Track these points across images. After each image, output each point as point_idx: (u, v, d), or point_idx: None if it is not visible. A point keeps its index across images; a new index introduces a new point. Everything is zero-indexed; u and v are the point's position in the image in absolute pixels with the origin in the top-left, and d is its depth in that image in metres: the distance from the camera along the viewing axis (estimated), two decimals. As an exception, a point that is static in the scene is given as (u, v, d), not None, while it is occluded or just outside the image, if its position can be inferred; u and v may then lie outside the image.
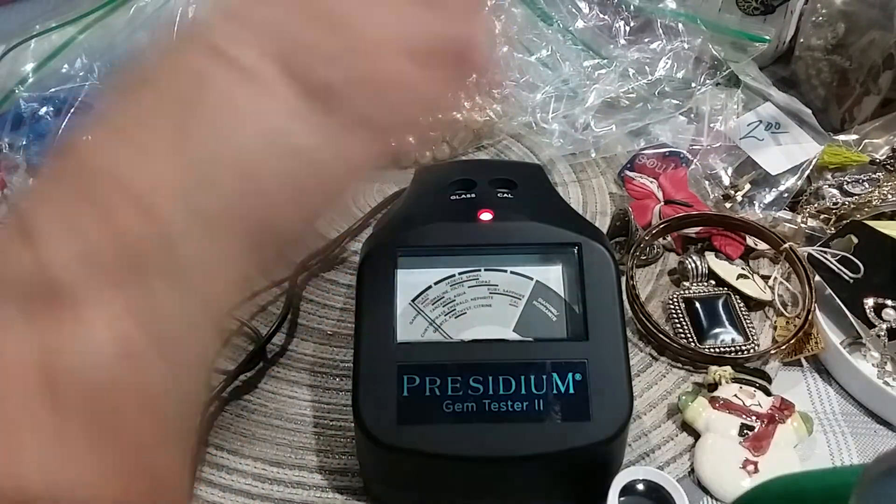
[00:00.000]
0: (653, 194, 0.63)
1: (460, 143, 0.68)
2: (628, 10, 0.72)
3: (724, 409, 0.48)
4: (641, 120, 0.67)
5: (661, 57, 0.69)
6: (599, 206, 0.65)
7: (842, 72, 0.68)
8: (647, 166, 0.66)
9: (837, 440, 0.49)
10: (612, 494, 0.41)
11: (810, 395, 0.51)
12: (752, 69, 0.72)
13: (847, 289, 0.54)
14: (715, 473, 0.46)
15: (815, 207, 0.61)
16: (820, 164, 0.63)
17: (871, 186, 0.61)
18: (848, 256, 0.54)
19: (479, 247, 0.46)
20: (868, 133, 0.65)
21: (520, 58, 0.69)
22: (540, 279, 0.45)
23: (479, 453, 0.40)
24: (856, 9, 0.67)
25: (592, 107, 0.66)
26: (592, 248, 0.45)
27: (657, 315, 0.56)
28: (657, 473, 0.42)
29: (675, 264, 0.59)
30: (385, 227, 0.48)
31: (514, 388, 0.41)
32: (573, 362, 0.42)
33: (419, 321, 0.44)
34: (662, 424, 0.49)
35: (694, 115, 0.69)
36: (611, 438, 0.40)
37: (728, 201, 0.63)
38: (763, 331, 0.54)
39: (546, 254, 0.46)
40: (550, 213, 0.47)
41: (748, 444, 0.46)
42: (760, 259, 0.59)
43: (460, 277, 0.45)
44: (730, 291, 0.56)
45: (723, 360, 0.51)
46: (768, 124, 0.66)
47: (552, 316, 0.44)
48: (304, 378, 0.51)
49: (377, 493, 0.45)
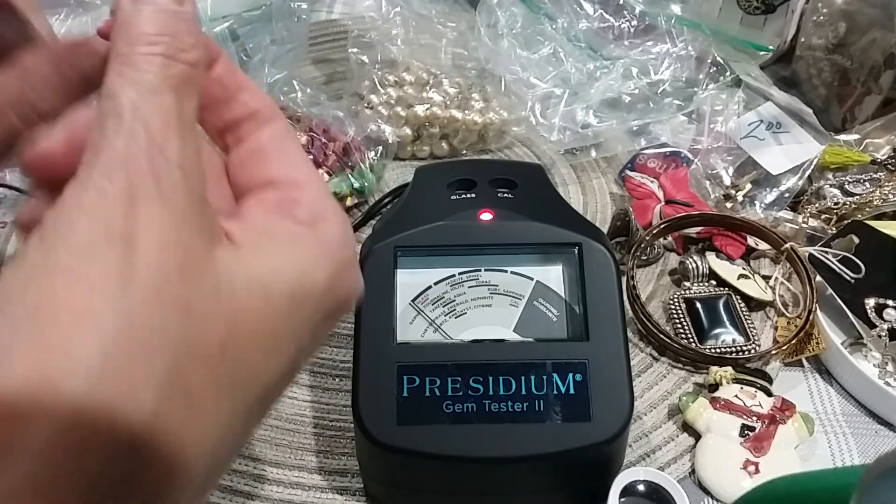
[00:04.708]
0: (653, 194, 0.63)
1: (461, 142, 0.68)
2: (632, 13, 0.72)
3: (725, 410, 0.48)
4: (642, 119, 0.67)
5: (663, 59, 0.69)
6: (600, 206, 0.65)
7: (843, 71, 0.68)
8: (648, 166, 0.65)
9: (838, 440, 0.49)
10: (612, 495, 0.41)
11: (811, 395, 0.51)
12: (752, 69, 0.72)
13: (848, 289, 0.53)
14: (716, 474, 0.46)
15: (816, 207, 0.61)
16: (821, 164, 0.63)
17: (872, 186, 0.61)
18: (849, 256, 0.54)
19: (480, 247, 0.46)
20: (869, 133, 0.65)
21: (522, 55, 0.69)
22: (540, 279, 0.45)
23: (479, 454, 0.40)
24: (857, 8, 0.66)
25: (593, 104, 0.66)
26: (593, 249, 0.45)
27: (658, 315, 0.56)
28: (658, 474, 0.42)
29: (675, 264, 0.59)
30: (385, 226, 0.48)
31: (515, 389, 0.41)
32: (573, 363, 0.41)
33: (419, 321, 0.44)
34: (663, 425, 0.49)
35: (695, 114, 0.68)
36: (611, 439, 0.40)
37: (729, 201, 0.63)
38: (764, 331, 0.54)
39: (546, 254, 0.46)
40: (551, 213, 0.47)
41: (749, 445, 0.46)
42: (761, 259, 0.59)
43: (460, 277, 0.45)
44: (731, 292, 0.56)
45: (724, 360, 0.51)
46: (769, 124, 0.66)
47: (552, 316, 0.44)
48: (303, 378, 0.51)
49: (377, 493, 0.45)
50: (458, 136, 0.67)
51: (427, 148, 0.68)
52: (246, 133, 0.25)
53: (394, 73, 0.69)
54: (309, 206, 0.24)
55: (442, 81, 0.68)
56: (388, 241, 0.45)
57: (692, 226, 0.60)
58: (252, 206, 0.24)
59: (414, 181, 0.53)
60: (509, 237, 0.46)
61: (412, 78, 0.68)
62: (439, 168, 0.62)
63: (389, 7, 0.71)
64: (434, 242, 0.45)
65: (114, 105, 0.21)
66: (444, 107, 0.66)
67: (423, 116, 0.66)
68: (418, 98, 0.67)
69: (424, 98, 0.67)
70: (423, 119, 0.66)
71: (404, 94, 0.67)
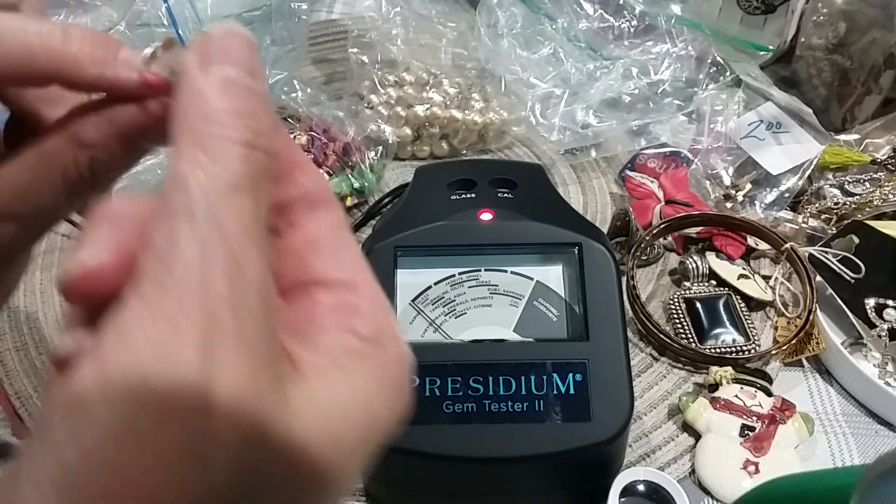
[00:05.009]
0: (653, 194, 0.63)
1: (461, 142, 0.68)
2: (632, 13, 0.72)
3: (725, 410, 0.48)
4: (642, 119, 0.67)
5: (663, 59, 0.69)
6: (600, 206, 0.65)
7: (843, 71, 0.68)
8: (648, 166, 0.65)
9: (838, 441, 0.49)
10: (612, 495, 0.41)
11: (811, 395, 0.51)
12: (752, 69, 0.72)
13: (848, 289, 0.53)
14: (716, 474, 0.46)
15: (816, 207, 0.61)
16: (821, 164, 0.63)
17: (872, 186, 0.61)
18: (849, 256, 0.54)
19: (480, 247, 0.46)
20: (869, 133, 0.65)
21: (522, 55, 0.69)
22: (540, 279, 0.45)
23: (479, 454, 0.40)
24: (857, 8, 0.66)
25: (593, 104, 0.66)
26: (593, 248, 0.45)
27: (658, 315, 0.56)
28: (658, 474, 0.42)
29: (675, 264, 0.59)
30: (385, 226, 0.48)
31: (515, 389, 0.41)
32: (574, 363, 0.41)
33: (419, 321, 0.44)
34: (663, 425, 0.49)
35: (695, 114, 0.69)
36: (611, 439, 0.40)
37: (729, 201, 0.63)
38: (764, 331, 0.54)
39: (546, 254, 0.46)
40: (551, 213, 0.47)
41: (749, 445, 0.46)
42: (761, 259, 0.59)
43: (460, 277, 0.45)
44: (731, 292, 0.56)
45: (724, 360, 0.51)
46: (769, 124, 0.66)
47: (552, 316, 0.44)
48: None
49: (377, 493, 0.45)
50: (458, 136, 0.67)
51: (427, 148, 0.68)
52: (299, 217, 0.22)
53: (394, 73, 0.69)
54: (370, 317, 0.21)
55: (442, 81, 0.68)
56: (388, 241, 0.45)
57: (692, 226, 0.60)
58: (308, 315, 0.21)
59: (414, 181, 0.53)
60: (509, 237, 0.46)
61: (412, 78, 0.69)
62: (439, 168, 0.62)
63: (389, 7, 0.71)
64: (434, 242, 0.45)
65: (185, 202, 0.17)
66: (444, 107, 0.66)
67: (423, 116, 0.66)
68: (418, 98, 0.67)
69: (424, 98, 0.67)
70: (423, 119, 0.66)
71: (404, 94, 0.67)
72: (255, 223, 0.18)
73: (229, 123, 0.18)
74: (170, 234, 0.17)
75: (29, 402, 0.49)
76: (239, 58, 0.20)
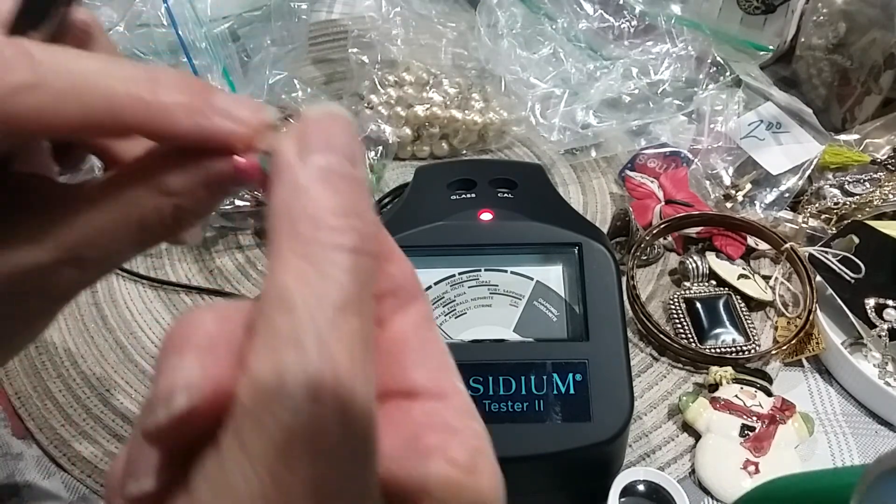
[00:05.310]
0: (653, 194, 0.63)
1: (461, 142, 0.68)
2: (632, 13, 0.72)
3: (725, 410, 0.48)
4: (642, 119, 0.67)
5: (663, 59, 0.69)
6: (600, 206, 0.65)
7: (843, 71, 0.68)
8: (648, 166, 0.65)
9: (838, 441, 0.49)
10: (612, 495, 0.41)
11: (811, 395, 0.51)
12: (752, 69, 0.72)
13: (848, 289, 0.53)
14: (716, 474, 0.46)
15: (816, 207, 0.61)
16: (821, 164, 0.63)
17: (872, 186, 0.61)
18: (849, 256, 0.54)
19: (480, 247, 0.46)
20: (869, 133, 0.65)
21: (522, 55, 0.69)
22: (540, 279, 0.45)
23: (479, 454, 0.40)
24: (857, 8, 0.66)
25: (593, 105, 0.66)
26: (593, 248, 0.45)
27: (658, 315, 0.56)
28: (658, 474, 0.42)
29: (675, 264, 0.59)
30: (385, 226, 0.48)
31: (515, 389, 0.41)
32: (574, 363, 0.41)
33: (419, 321, 0.44)
34: (663, 425, 0.49)
35: (695, 114, 0.69)
36: (611, 439, 0.40)
37: (729, 201, 0.63)
38: (764, 331, 0.54)
39: (546, 254, 0.46)
40: (551, 213, 0.47)
41: (749, 445, 0.46)
42: (761, 259, 0.59)
43: (460, 277, 0.45)
44: (731, 292, 0.56)
45: (724, 360, 0.51)
46: (769, 124, 0.66)
47: (552, 316, 0.44)
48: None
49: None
50: (458, 136, 0.67)
51: (427, 148, 0.68)
52: (387, 313, 0.20)
53: (394, 73, 0.69)
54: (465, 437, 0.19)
55: (442, 81, 0.68)
56: (388, 241, 0.45)
57: (692, 226, 0.60)
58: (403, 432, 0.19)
59: (414, 181, 0.53)
60: (509, 237, 0.46)
61: (412, 78, 0.69)
62: (439, 168, 0.61)
63: (389, 7, 0.71)
64: (434, 242, 0.45)
65: (291, 326, 0.15)
66: (444, 107, 0.66)
67: (423, 116, 0.66)
68: (418, 98, 0.67)
69: (424, 98, 0.67)
70: (423, 119, 0.66)
71: (404, 94, 0.67)
72: (363, 346, 0.16)
73: (337, 228, 0.16)
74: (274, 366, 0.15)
75: (29, 402, 0.49)
76: (340, 144, 0.18)
